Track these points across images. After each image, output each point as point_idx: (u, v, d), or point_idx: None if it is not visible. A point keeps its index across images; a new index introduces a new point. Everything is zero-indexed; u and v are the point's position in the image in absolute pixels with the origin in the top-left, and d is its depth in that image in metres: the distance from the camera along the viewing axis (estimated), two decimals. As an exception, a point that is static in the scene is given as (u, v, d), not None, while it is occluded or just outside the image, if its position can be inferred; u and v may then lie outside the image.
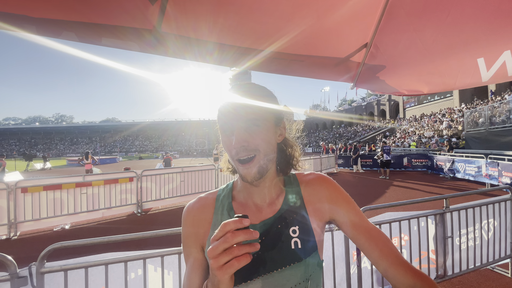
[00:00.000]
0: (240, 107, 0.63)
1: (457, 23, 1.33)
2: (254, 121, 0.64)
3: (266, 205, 0.72)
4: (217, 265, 0.47)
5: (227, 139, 0.66)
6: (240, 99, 0.64)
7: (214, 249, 0.47)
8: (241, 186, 0.75)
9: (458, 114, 23.05)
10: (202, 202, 0.75)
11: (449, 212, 2.71)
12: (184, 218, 0.74)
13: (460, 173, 10.41)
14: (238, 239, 0.47)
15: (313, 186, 0.75)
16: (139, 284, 1.80)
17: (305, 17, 1.33)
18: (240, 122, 0.63)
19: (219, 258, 0.47)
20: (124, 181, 6.54)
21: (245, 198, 0.74)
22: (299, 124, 0.83)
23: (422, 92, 1.83)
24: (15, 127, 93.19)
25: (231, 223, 0.48)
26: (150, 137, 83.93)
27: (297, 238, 0.67)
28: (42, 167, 23.47)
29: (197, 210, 0.74)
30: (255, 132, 0.64)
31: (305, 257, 0.66)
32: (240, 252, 0.47)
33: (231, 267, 0.47)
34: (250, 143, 0.63)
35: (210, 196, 0.77)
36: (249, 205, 0.73)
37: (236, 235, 0.47)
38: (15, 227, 5.09)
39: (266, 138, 0.66)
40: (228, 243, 0.47)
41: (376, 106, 49.70)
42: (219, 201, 0.75)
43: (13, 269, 1.50)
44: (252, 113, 0.64)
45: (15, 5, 0.79)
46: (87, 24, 0.90)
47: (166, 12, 0.96)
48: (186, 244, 0.73)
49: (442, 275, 2.64)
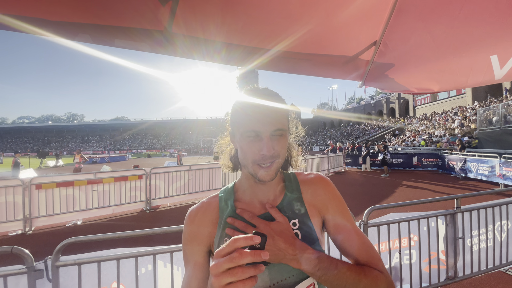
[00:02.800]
0: (269, 114, 0.66)
1: (469, 19, 1.30)
2: (280, 130, 0.67)
3: (269, 201, 0.76)
4: (219, 285, 0.45)
5: (250, 142, 0.66)
6: (267, 104, 0.66)
7: (218, 266, 0.45)
8: (245, 185, 0.78)
9: (471, 112, 22.46)
10: (206, 205, 0.78)
11: (460, 212, 2.66)
12: (186, 224, 0.76)
13: (473, 172, 10.16)
14: (244, 261, 0.44)
15: (312, 185, 0.79)
16: (149, 279, 1.84)
17: (313, 15, 1.33)
18: (270, 129, 0.65)
19: (222, 277, 0.45)
20: (134, 178, 6.66)
21: (250, 196, 0.77)
22: (297, 123, 0.85)
23: (432, 91, 1.81)
24: (29, 125, 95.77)
25: (242, 240, 0.46)
26: (158, 135, 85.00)
27: (297, 230, 0.72)
28: (54, 164, 24.13)
29: (202, 212, 0.77)
30: (280, 140, 0.68)
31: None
32: (245, 275, 0.44)
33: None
34: (276, 150, 0.66)
35: (212, 199, 0.80)
36: (253, 202, 0.76)
37: (244, 256, 0.44)
38: (30, 222, 5.26)
39: (285, 145, 0.70)
40: (233, 263, 0.44)
41: (385, 104, 48.90)
42: (223, 202, 0.78)
43: (30, 262, 1.56)
44: (279, 121, 0.67)
45: (35, 10, 0.82)
46: (101, 26, 0.93)
47: (177, 13, 0.98)
48: (188, 243, 0.75)
49: (452, 276, 2.60)
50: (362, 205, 2.40)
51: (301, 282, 0.67)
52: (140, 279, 1.82)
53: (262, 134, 0.65)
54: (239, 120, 0.68)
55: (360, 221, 2.32)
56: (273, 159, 0.67)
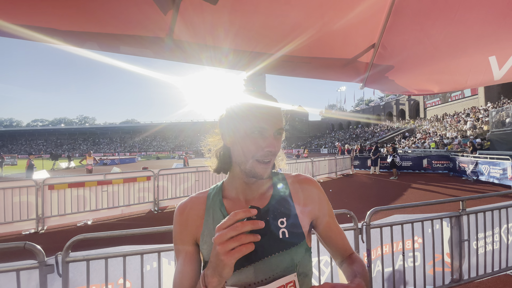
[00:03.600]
0: (274, 114, 0.71)
1: (466, 21, 1.31)
2: (281, 129, 0.73)
3: (256, 200, 0.79)
4: (224, 251, 0.52)
5: (256, 139, 0.70)
6: (270, 105, 0.72)
7: (222, 235, 0.52)
8: (233, 184, 0.80)
9: (484, 114, 21.88)
10: (194, 201, 0.82)
11: (466, 214, 2.63)
12: (176, 217, 0.79)
13: (484, 175, 9.90)
14: (246, 228, 0.52)
15: (302, 185, 0.84)
16: (154, 276, 1.90)
17: (312, 20, 1.37)
18: (275, 127, 0.71)
19: (226, 244, 0.52)
20: (142, 179, 6.80)
21: (237, 194, 0.80)
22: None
23: (432, 92, 1.81)
24: (43, 128, 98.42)
25: (241, 213, 0.53)
26: (167, 138, 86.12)
27: (284, 228, 0.74)
28: (67, 166, 24.77)
29: (190, 208, 0.80)
30: (280, 139, 0.74)
31: (293, 246, 0.73)
32: (247, 240, 0.52)
33: (239, 251, 0.52)
34: (277, 148, 0.71)
35: (201, 195, 0.83)
36: (240, 200, 0.79)
37: (245, 224, 0.52)
38: (42, 222, 5.45)
39: (281, 144, 0.77)
40: (237, 231, 0.52)
41: (395, 106, 48.14)
42: (210, 199, 0.81)
43: (41, 257, 1.64)
44: (281, 121, 0.73)
45: (45, 20, 0.90)
46: (107, 35, 1.00)
47: (177, 21, 1.04)
48: (178, 241, 0.78)
49: (457, 279, 2.56)
50: (369, 207, 2.40)
51: (283, 277, 0.70)
52: (146, 276, 1.88)
53: (268, 131, 0.70)
54: (245, 117, 0.70)
55: (362, 222, 2.32)
56: (273, 156, 0.71)
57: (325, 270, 2.24)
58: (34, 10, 0.94)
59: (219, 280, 0.56)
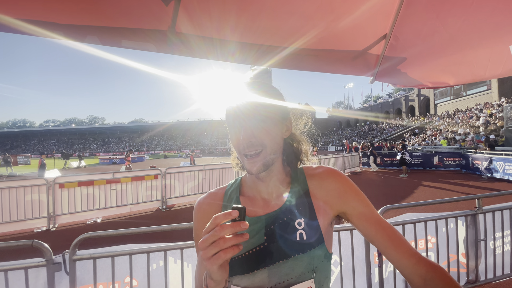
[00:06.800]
0: (246, 105, 0.66)
1: (485, 7, 1.23)
2: (260, 117, 0.66)
3: (273, 198, 0.74)
4: (206, 257, 0.50)
5: (235, 135, 0.68)
6: (246, 97, 0.67)
7: (204, 241, 0.50)
8: (249, 180, 0.78)
9: (498, 109, 21.21)
10: (212, 197, 0.79)
11: (482, 213, 2.52)
12: (195, 213, 0.79)
13: (499, 172, 9.60)
14: (225, 232, 0.49)
15: (321, 180, 0.75)
16: (160, 275, 1.89)
17: (322, 12, 1.31)
18: (247, 119, 0.66)
19: (207, 250, 0.50)
20: (150, 178, 6.85)
21: (253, 192, 0.76)
22: (307, 119, 0.84)
23: (448, 84, 1.72)
24: (54, 128, 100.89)
25: (221, 216, 0.51)
26: (174, 137, 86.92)
27: (302, 230, 0.68)
28: (77, 165, 25.26)
29: (207, 204, 0.78)
30: (261, 128, 0.66)
31: (310, 249, 0.66)
32: (226, 244, 0.49)
33: (218, 258, 0.49)
34: (257, 138, 0.66)
35: (219, 191, 0.81)
36: (256, 198, 0.75)
37: (223, 228, 0.50)
38: (53, 220, 5.55)
39: (271, 133, 0.68)
40: (215, 236, 0.50)
41: (404, 102, 47.19)
42: (228, 195, 0.78)
43: (49, 255, 1.64)
44: (258, 110, 0.66)
45: (45, 14, 0.87)
46: (107, 28, 0.97)
47: (179, 13, 1.00)
48: (197, 237, 0.77)
49: (473, 280, 2.46)
50: (379, 206, 2.33)
51: (298, 283, 0.65)
52: (152, 274, 1.86)
53: (241, 124, 0.66)
54: (226, 116, 0.70)
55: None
56: (256, 148, 0.65)
57: (334, 270, 2.18)
58: (34, 4, 0.91)
59: (215, 282, 0.54)
